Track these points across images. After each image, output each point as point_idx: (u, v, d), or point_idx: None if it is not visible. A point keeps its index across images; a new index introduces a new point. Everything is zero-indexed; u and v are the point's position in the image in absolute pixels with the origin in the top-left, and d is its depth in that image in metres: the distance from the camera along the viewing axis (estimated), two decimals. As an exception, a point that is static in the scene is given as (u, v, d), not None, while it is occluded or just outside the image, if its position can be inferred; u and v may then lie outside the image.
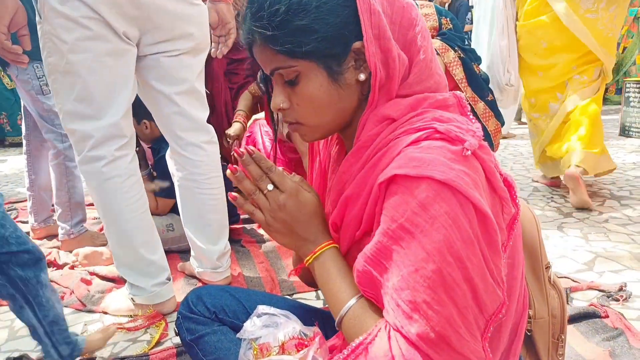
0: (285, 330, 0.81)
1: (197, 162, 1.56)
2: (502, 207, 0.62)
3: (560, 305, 0.79)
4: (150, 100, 1.53)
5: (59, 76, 1.31)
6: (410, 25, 0.66)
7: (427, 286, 0.54)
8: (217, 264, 1.67)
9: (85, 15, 1.25)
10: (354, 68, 0.66)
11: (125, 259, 1.49)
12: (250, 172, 0.71)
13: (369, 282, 0.62)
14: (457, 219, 0.55)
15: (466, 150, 0.57)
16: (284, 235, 0.73)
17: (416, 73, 0.66)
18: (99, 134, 1.34)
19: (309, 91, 0.66)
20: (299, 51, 0.63)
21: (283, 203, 0.70)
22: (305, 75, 0.65)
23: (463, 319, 0.55)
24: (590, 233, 2.07)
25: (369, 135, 0.66)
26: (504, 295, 0.59)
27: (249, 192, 0.71)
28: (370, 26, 0.63)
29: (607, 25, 2.25)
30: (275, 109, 0.70)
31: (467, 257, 0.55)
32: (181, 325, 0.97)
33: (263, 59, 0.68)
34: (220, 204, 1.65)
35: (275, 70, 0.67)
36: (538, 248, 0.78)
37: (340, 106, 0.68)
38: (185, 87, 1.49)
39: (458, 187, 0.55)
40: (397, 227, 0.57)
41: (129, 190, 1.41)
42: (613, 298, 1.48)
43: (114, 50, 1.32)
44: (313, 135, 0.72)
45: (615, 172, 3.16)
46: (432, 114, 0.62)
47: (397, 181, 0.58)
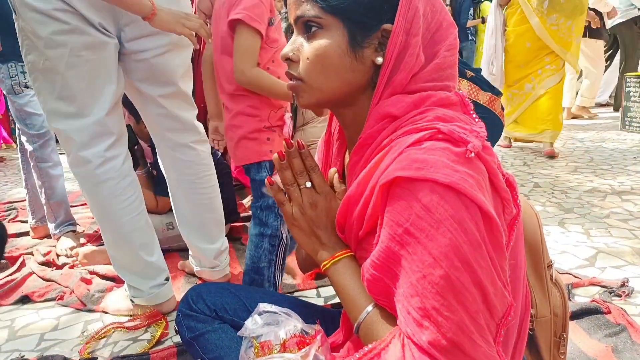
0: (287, 328, 0.81)
1: (188, 163, 1.53)
2: (503, 208, 0.61)
3: (562, 303, 0.79)
4: (137, 102, 1.50)
5: (39, 74, 1.28)
6: (441, 40, 0.65)
7: (435, 292, 0.53)
8: (215, 263, 1.66)
9: (58, 7, 1.20)
10: (375, 48, 0.65)
11: (123, 261, 1.48)
12: (293, 165, 0.72)
13: (379, 289, 0.61)
14: (463, 222, 0.54)
15: (469, 153, 0.56)
16: (305, 234, 0.73)
17: (428, 71, 0.64)
18: (85, 132, 1.30)
19: (325, 48, 0.65)
20: (334, 4, 0.62)
21: (315, 202, 0.72)
22: (327, 31, 0.64)
23: (475, 324, 0.54)
24: (591, 229, 2.06)
25: (370, 133, 0.65)
26: (511, 297, 0.59)
27: (286, 182, 0.72)
28: (405, 17, 0.62)
29: (565, 33, 3.36)
30: (283, 57, 0.69)
31: (475, 260, 0.54)
32: (181, 323, 0.96)
33: (295, 4, 0.67)
34: (214, 202, 1.63)
35: (301, 18, 0.66)
36: (540, 246, 0.77)
37: (347, 77, 0.66)
38: (170, 90, 1.44)
39: (462, 189, 0.54)
40: (402, 231, 0.56)
41: (123, 193, 1.38)
42: (615, 294, 1.47)
43: (92, 43, 1.26)
44: (310, 97, 0.69)
45: (616, 167, 3.16)
46: (435, 113, 0.61)
47: (399, 183, 0.56)
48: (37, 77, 1.29)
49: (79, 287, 1.72)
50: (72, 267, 1.95)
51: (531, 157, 3.67)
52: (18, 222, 2.70)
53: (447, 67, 0.66)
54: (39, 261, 2.02)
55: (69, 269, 1.93)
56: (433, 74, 0.65)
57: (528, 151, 3.92)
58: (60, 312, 1.62)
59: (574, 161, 3.43)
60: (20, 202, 3.05)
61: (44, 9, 1.20)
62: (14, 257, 2.10)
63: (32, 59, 1.27)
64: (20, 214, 2.84)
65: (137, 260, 1.46)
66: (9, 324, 1.56)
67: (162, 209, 2.09)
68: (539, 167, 3.32)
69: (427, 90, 0.64)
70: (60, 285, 1.77)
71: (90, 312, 1.60)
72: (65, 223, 2.25)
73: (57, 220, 2.22)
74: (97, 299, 1.65)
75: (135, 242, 1.43)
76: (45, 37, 1.22)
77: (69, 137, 1.31)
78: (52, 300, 1.70)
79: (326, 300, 1.58)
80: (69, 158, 1.35)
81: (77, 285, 1.73)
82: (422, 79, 0.64)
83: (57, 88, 1.27)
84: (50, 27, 1.22)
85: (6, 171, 4.61)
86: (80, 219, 2.65)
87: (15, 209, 2.98)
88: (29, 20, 1.22)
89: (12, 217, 2.82)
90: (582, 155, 3.61)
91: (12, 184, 3.94)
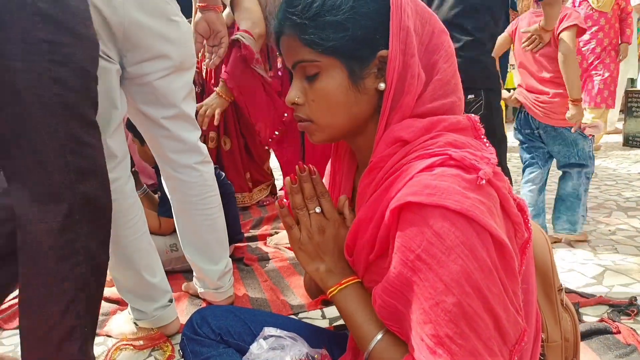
0: (292, 353, 0.80)
1: (191, 184, 1.53)
2: (515, 232, 0.61)
3: (573, 328, 0.78)
4: (140, 124, 1.51)
5: None
6: (436, 49, 0.66)
7: (448, 320, 0.53)
8: (218, 284, 1.65)
9: None
10: (375, 76, 0.66)
11: (126, 283, 1.47)
12: (304, 189, 0.72)
13: (390, 315, 0.61)
14: (474, 249, 0.54)
15: (480, 180, 0.56)
16: (312, 260, 0.73)
17: (431, 91, 0.65)
18: None
19: (327, 89, 0.66)
20: (326, 46, 0.64)
21: (323, 228, 0.72)
22: (326, 72, 0.66)
23: (488, 351, 0.54)
24: (598, 246, 2.05)
25: (381, 157, 0.65)
26: (524, 322, 0.58)
27: (296, 206, 0.73)
28: (398, 40, 0.63)
29: None
30: (289, 102, 0.70)
31: (487, 287, 0.54)
32: (186, 347, 0.95)
33: (289, 50, 0.68)
34: (218, 223, 1.62)
35: (298, 63, 0.67)
36: (550, 270, 0.77)
37: (354, 110, 0.67)
38: (173, 112, 1.45)
39: (474, 216, 0.54)
40: (414, 257, 0.56)
41: (126, 214, 1.37)
42: (624, 313, 1.45)
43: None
44: (321, 135, 0.71)
45: (620, 183, 3.15)
46: (446, 138, 0.61)
47: (411, 208, 0.56)
48: None
49: (82, 310, 1.71)
50: (76, 290, 1.94)
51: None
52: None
53: (450, 80, 0.66)
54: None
55: (72, 292, 1.92)
56: (438, 91, 0.65)
57: (531, 168, 3.91)
58: (63, 335, 1.60)
59: (578, 177, 3.43)
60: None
61: None
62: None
63: None
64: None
65: (140, 281, 1.45)
66: (12, 348, 1.54)
67: (165, 231, 2.09)
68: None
69: (436, 111, 0.65)
70: (64, 308, 1.76)
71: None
72: None
73: None
74: (100, 322, 1.63)
75: (138, 264, 1.43)
76: None
77: None
78: (55, 323, 1.68)
79: (331, 322, 1.56)
80: None
81: (80, 308, 1.72)
82: (427, 98, 0.65)
83: None
84: None
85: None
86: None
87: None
88: None
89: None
90: (586, 172, 3.60)
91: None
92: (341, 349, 0.87)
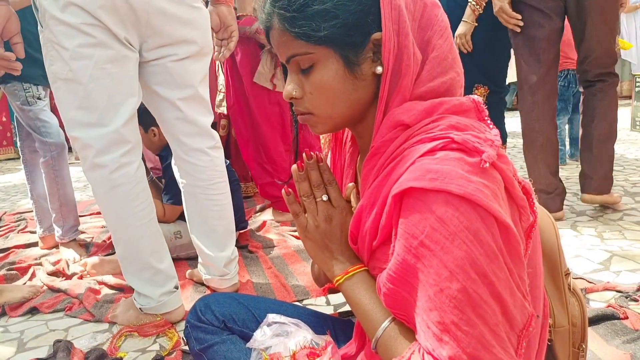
0: (296, 340, 0.79)
1: (201, 168, 1.55)
2: (520, 216, 0.59)
3: (580, 313, 0.76)
4: (153, 105, 1.52)
5: (62, 84, 1.31)
6: (429, 24, 0.64)
7: (453, 306, 0.52)
8: (224, 271, 1.65)
9: (86, 22, 1.24)
10: (371, 60, 0.64)
11: (133, 268, 1.48)
12: (311, 177, 0.71)
13: (397, 302, 0.60)
14: (479, 234, 0.52)
15: (484, 163, 0.54)
16: (318, 248, 0.72)
17: (428, 70, 0.63)
18: (102, 141, 1.33)
19: (324, 80, 0.64)
20: (318, 36, 0.62)
21: (330, 216, 0.71)
22: (321, 63, 0.64)
23: (496, 337, 0.53)
24: (605, 231, 2.03)
25: (382, 142, 0.63)
26: (531, 307, 0.57)
27: (303, 194, 0.72)
28: (391, 21, 0.61)
29: None
30: (287, 97, 0.69)
31: (493, 272, 0.52)
32: (190, 334, 0.95)
33: (280, 45, 0.66)
34: (226, 209, 1.63)
35: (292, 57, 0.65)
36: (557, 255, 0.75)
37: (353, 98, 0.66)
38: (188, 93, 1.47)
39: (477, 200, 0.52)
40: (418, 244, 0.54)
41: (136, 198, 1.39)
42: (631, 298, 1.44)
43: (115, 57, 1.31)
44: (323, 126, 0.70)
45: (628, 168, 3.12)
46: (448, 121, 0.60)
47: (413, 194, 0.55)
48: (59, 86, 1.32)
49: (87, 298, 1.71)
50: (81, 278, 1.95)
51: (541, 160, 3.63)
52: (27, 233, 2.71)
53: (447, 55, 0.64)
54: (48, 271, 2.02)
55: (77, 280, 1.93)
56: (436, 69, 0.63)
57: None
58: (69, 323, 1.61)
59: (584, 163, 3.39)
60: (29, 213, 3.07)
61: (73, 22, 1.24)
62: (23, 267, 2.10)
63: (56, 69, 1.30)
64: (29, 225, 2.85)
65: (147, 266, 1.46)
66: (18, 335, 1.55)
67: (169, 218, 2.09)
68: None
69: (436, 90, 0.63)
70: (69, 296, 1.77)
71: (99, 322, 1.59)
72: (74, 229, 2.30)
73: (66, 226, 2.26)
74: (105, 309, 1.64)
75: (146, 249, 1.44)
76: (71, 49, 1.26)
77: (87, 145, 1.34)
78: (60, 311, 1.69)
79: (336, 308, 1.56)
80: (85, 164, 1.37)
81: (85, 296, 1.73)
82: (426, 78, 0.63)
83: (79, 98, 1.31)
84: (77, 39, 1.26)
85: (15, 182, 4.65)
86: (89, 229, 2.66)
87: (25, 220, 2.99)
88: (56, 33, 1.25)
89: (21, 227, 2.84)
90: (592, 157, 3.57)
91: (21, 195, 3.97)
92: (346, 335, 0.87)
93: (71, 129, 1.35)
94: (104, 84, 1.31)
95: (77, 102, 1.31)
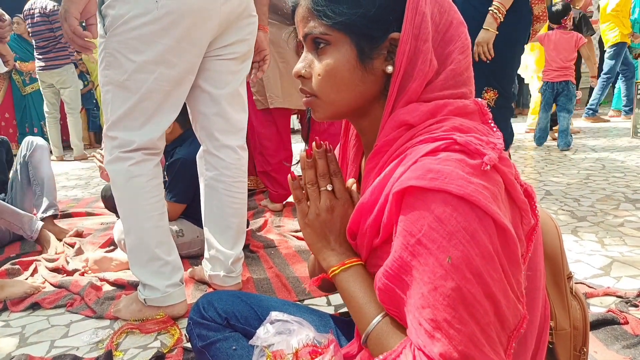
0: (299, 337, 0.80)
1: (229, 164, 1.60)
2: (521, 218, 0.60)
3: (582, 316, 0.77)
4: (192, 98, 1.56)
5: (114, 89, 1.37)
6: (452, 40, 0.65)
7: (447, 304, 0.53)
8: (230, 269, 1.66)
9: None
10: (384, 58, 0.65)
11: (141, 259, 1.50)
12: (317, 165, 0.72)
13: (391, 299, 0.60)
14: (476, 234, 0.53)
15: (485, 165, 0.55)
16: (317, 237, 0.73)
17: (443, 79, 0.64)
18: (137, 143, 1.41)
19: (335, 64, 0.65)
20: (337, 20, 0.63)
21: (332, 207, 0.71)
22: (335, 47, 0.65)
23: (486, 337, 0.53)
24: (605, 237, 2.03)
25: (385, 141, 0.64)
26: (525, 309, 0.58)
27: (308, 181, 0.72)
28: (412, 24, 0.62)
29: None
30: (296, 74, 0.70)
31: (487, 273, 0.53)
32: (192, 331, 0.95)
33: (302, 21, 0.68)
34: (243, 208, 1.67)
35: (308, 35, 0.67)
36: (559, 258, 0.76)
37: (359, 90, 0.67)
38: (230, 90, 1.55)
39: (476, 201, 0.53)
40: (415, 242, 0.55)
41: (151, 190, 1.45)
42: (632, 304, 1.44)
43: (176, 77, 1.38)
44: (325, 112, 0.70)
45: (629, 175, 3.13)
46: (452, 123, 0.61)
47: (413, 193, 0.56)
48: (110, 90, 1.38)
49: (89, 294, 1.72)
50: (83, 274, 1.95)
51: (542, 165, 3.64)
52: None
53: (463, 71, 0.65)
54: (49, 267, 2.02)
55: (79, 276, 1.93)
56: (449, 81, 0.64)
57: (539, 159, 3.89)
58: (70, 318, 1.62)
59: (585, 169, 3.40)
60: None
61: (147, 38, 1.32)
62: (25, 262, 2.11)
63: (112, 74, 1.36)
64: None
65: (155, 258, 1.48)
66: (19, 330, 1.56)
67: (172, 216, 2.09)
68: (550, 174, 3.29)
69: (444, 99, 0.63)
70: (71, 292, 1.78)
71: (100, 319, 1.59)
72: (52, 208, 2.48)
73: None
74: (107, 306, 1.64)
75: (155, 239, 1.48)
76: (138, 62, 1.33)
77: (121, 144, 1.41)
78: (62, 307, 1.70)
79: (337, 309, 1.56)
80: (110, 156, 1.43)
81: (87, 292, 1.73)
82: (437, 87, 0.64)
83: (127, 106, 1.37)
84: (146, 55, 1.32)
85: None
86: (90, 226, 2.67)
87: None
88: (125, 43, 1.31)
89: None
90: (593, 163, 3.58)
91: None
92: (347, 335, 0.87)
93: (111, 129, 1.41)
94: (156, 99, 1.38)
95: (124, 108, 1.37)
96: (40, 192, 2.46)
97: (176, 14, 1.30)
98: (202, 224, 1.70)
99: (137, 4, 1.28)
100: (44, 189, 2.46)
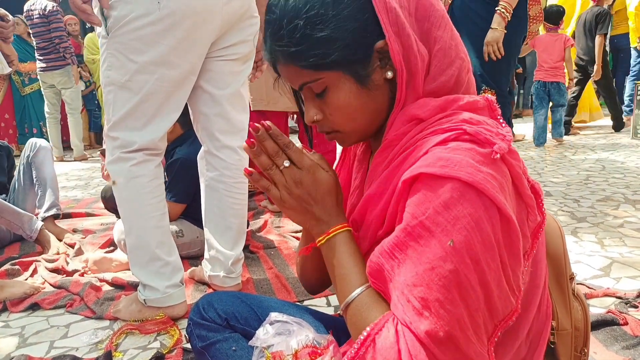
0: (299, 338, 0.80)
1: (229, 165, 1.60)
2: (527, 214, 0.61)
3: (583, 317, 0.77)
4: (194, 99, 1.57)
5: (116, 89, 1.37)
6: (425, 15, 0.65)
7: (441, 285, 0.54)
8: (230, 269, 1.66)
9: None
10: (379, 68, 0.65)
11: (141, 259, 1.50)
12: (266, 147, 0.68)
13: (380, 274, 0.61)
14: (480, 222, 0.54)
15: (495, 154, 0.56)
16: (298, 213, 0.71)
17: (436, 64, 0.65)
18: (139, 143, 1.41)
19: (340, 100, 0.66)
20: (324, 63, 0.63)
21: (299, 179, 0.68)
22: (333, 85, 0.65)
23: (472, 322, 0.55)
24: (605, 238, 2.04)
25: (396, 135, 0.65)
26: (518, 303, 0.59)
27: (265, 167, 0.69)
28: (389, 24, 0.62)
29: None
30: (309, 122, 0.70)
31: (486, 261, 0.54)
32: (192, 331, 0.95)
33: (289, 76, 0.68)
34: (244, 209, 1.67)
35: (304, 85, 0.67)
36: (562, 259, 0.76)
37: (373, 108, 0.67)
38: (231, 91, 1.55)
39: (484, 189, 0.54)
40: (417, 224, 0.56)
41: (153, 191, 1.46)
42: (631, 305, 1.44)
43: (176, 78, 1.39)
44: (351, 140, 0.72)
45: (629, 176, 3.13)
46: (462, 116, 0.61)
47: (422, 179, 0.57)
48: (112, 90, 1.39)
49: (88, 295, 1.72)
50: (82, 275, 1.95)
51: (542, 166, 3.64)
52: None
53: (450, 44, 0.65)
54: (49, 268, 2.02)
55: (78, 277, 1.93)
56: (443, 61, 0.64)
57: (538, 159, 3.89)
58: (70, 319, 1.62)
59: (585, 169, 3.40)
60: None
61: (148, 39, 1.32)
62: (25, 262, 2.11)
63: (114, 75, 1.36)
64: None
65: (155, 258, 1.48)
66: (19, 331, 1.56)
67: (172, 216, 2.08)
68: (550, 175, 3.29)
69: (446, 82, 0.64)
70: (70, 293, 1.78)
71: (100, 319, 1.59)
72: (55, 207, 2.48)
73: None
74: (106, 306, 1.64)
75: (156, 240, 1.48)
76: (140, 63, 1.33)
77: (123, 145, 1.41)
78: (61, 307, 1.70)
79: (336, 309, 1.56)
80: (112, 157, 1.43)
81: (86, 293, 1.73)
82: (436, 73, 0.64)
83: (129, 106, 1.38)
84: (147, 55, 1.32)
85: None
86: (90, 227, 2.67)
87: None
88: (127, 44, 1.31)
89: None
90: (593, 164, 3.58)
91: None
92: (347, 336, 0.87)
93: (113, 130, 1.42)
94: (158, 99, 1.38)
95: (126, 109, 1.37)
96: (42, 192, 2.47)
97: (178, 15, 1.30)
98: (202, 224, 1.70)
99: (139, 5, 1.28)
100: (46, 189, 2.47)
